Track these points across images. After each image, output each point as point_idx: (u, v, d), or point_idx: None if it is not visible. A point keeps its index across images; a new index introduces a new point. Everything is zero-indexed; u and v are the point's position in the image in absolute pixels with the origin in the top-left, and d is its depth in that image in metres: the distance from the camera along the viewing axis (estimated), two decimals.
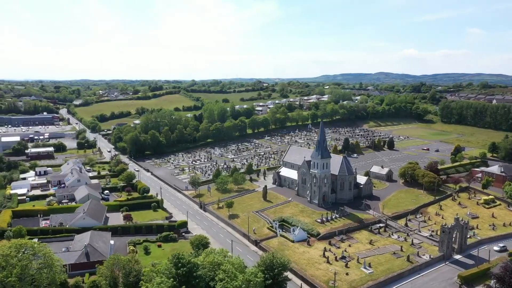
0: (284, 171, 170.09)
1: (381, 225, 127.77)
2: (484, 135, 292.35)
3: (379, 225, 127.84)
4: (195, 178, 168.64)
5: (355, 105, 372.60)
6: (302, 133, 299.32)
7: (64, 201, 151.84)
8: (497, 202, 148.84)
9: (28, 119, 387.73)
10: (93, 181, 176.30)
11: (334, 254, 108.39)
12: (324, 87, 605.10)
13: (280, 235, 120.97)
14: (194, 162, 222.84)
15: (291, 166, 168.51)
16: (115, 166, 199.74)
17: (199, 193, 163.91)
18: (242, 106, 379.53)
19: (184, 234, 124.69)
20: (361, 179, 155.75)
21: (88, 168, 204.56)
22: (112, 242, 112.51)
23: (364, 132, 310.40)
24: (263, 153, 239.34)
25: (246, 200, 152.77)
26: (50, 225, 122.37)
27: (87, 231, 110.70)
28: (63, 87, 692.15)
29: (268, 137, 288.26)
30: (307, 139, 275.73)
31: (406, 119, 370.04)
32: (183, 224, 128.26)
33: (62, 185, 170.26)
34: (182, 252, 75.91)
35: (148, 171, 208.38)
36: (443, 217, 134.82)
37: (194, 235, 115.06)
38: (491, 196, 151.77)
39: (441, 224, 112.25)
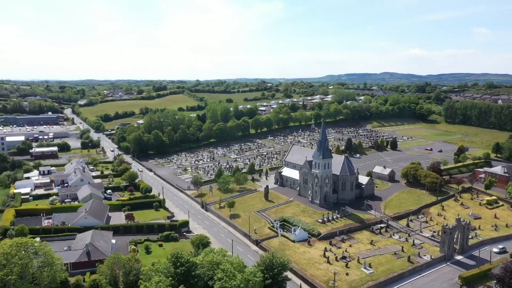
0: (286, 171, 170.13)
1: (383, 226, 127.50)
2: (489, 136, 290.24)
3: (381, 226, 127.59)
4: (197, 178, 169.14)
5: (359, 105, 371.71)
6: (305, 133, 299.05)
7: (67, 201, 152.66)
8: (500, 203, 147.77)
9: (33, 119, 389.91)
10: (96, 181, 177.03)
11: (335, 254, 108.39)
12: (328, 87, 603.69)
13: (281, 235, 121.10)
14: (197, 162, 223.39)
15: (293, 166, 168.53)
16: (118, 166, 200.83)
17: (201, 193, 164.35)
18: (246, 106, 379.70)
19: (186, 234, 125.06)
20: (363, 179, 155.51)
21: (92, 168, 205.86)
22: (114, 241, 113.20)
23: (368, 132, 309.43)
24: (266, 153, 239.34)
25: (248, 200, 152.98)
26: (53, 224, 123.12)
27: (89, 230, 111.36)
28: (68, 87, 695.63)
29: (271, 137, 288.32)
30: (310, 139, 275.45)
31: (410, 119, 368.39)
32: (185, 224, 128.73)
33: (65, 185, 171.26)
34: (181, 252, 76.28)
35: (151, 171, 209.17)
36: (445, 218, 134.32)
37: (195, 235, 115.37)
38: (494, 197, 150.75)
39: (442, 225, 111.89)
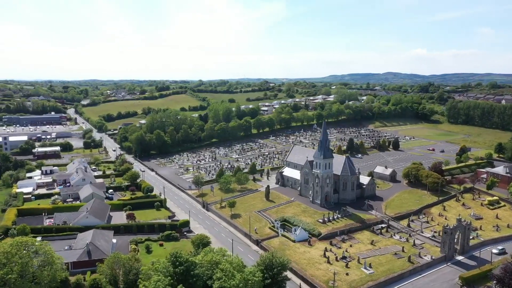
0: (287, 171, 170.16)
1: (383, 226, 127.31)
2: (492, 136, 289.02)
3: (381, 226, 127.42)
4: (199, 178, 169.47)
5: (361, 105, 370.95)
6: (307, 133, 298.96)
7: (69, 200, 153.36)
8: (502, 203, 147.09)
9: (36, 119, 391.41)
10: (98, 180, 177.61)
11: (335, 254, 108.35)
12: (331, 88, 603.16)
13: (282, 235, 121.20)
14: (199, 162, 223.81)
15: (294, 166, 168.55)
16: (120, 166, 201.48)
17: (202, 193, 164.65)
18: (248, 106, 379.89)
19: (186, 233, 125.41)
20: (364, 179, 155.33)
21: (94, 168, 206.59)
22: (115, 241, 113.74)
23: (370, 133, 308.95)
24: (268, 153, 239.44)
25: (249, 200, 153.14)
26: (54, 224, 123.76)
27: (90, 230, 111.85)
28: (71, 87, 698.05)
29: (273, 137, 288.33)
30: (312, 139, 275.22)
31: (413, 120, 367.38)
32: (185, 223, 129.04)
33: (68, 184, 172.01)
34: (180, 251, 76.53)
35: (153, 171, 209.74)
36: (446, 218, 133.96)
37: (196, 234, 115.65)
38: (496, 197, 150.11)
39: (443, 225, 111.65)
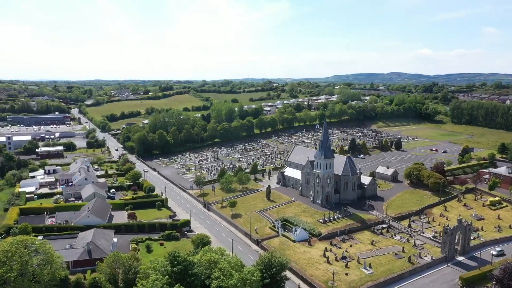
0: (289, 171, 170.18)
1: (384, 226, 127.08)
2: (495, 136, 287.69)
3: (382, 226, 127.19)
4: (200, 178, 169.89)
5: (364, 105, 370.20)
6: (310, 133, 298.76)
7: (71, 199, 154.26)
8: (504, 204, 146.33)
9: (40, 119, 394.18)
10: (101, 180, 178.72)
11: (335, 254, 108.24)
12: (334, 88, 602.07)
13: (282, 235, 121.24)
14: (201, 162, 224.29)
15: (296, 166, 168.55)
16: (122, 165, 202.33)
17: (204, 192, 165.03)
18: (251, 106, 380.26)
19: (187, 233, 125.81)
20: (365, 180, 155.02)
21: (96, 167, 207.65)
22: (115, 240, 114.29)
23: (372, 133, 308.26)
24: (270, 153, 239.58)
25: (250, 200, 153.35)
26: (56, 223, 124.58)
27: (91, 229, 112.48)
28: (76, 87, 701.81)
29: (276, 137, 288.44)
30: (314, 139, 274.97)
31: (416, 120, 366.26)
32: (186, 223, 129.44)
33: (70, 184, 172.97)
34: (178, 250, 76.85)
35: (155, 170, 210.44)
36: (448, 218, 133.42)
37: (196, 234, 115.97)
38: (498, 198, 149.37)
39: (444, 226, 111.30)
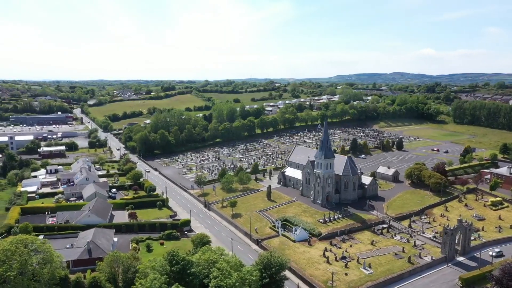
0: (289, 171, 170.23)
1: (384, 226, 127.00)
2: (498, 136, 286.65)
3: (382, 226, 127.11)
4: (201, 177, 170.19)
5: (366, 106, 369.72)
6: (311, 133, 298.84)
7: (72, 199, 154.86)
8: (505, 204, 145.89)
9: (43, 119, 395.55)
10: (102, 180, 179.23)
11: (335, 254, 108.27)
12: (337, 88, 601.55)
13: (282, 235, 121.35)
14: (202, 162, 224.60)
15: (296, 166, 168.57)
16: (124, 165, 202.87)
17: (204, 192, 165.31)
18: (252, 106, 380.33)
19: (187, 233, 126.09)
20: (366, 180, 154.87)
21: (98, 167, 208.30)
22: (116, 240, 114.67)
23: (374, 133, 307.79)
24: (271, 153, 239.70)
25: (250, 200, 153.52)
26: (57, 222, 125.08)
27: (91, 229, 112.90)
28: (78, 87, 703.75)
29: (277, 137, 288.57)
30: (316, 139, 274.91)
31: (418, 120, 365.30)
32: (186, 223, 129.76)
33: (71, 183, 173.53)
34: (177, 250, 77.09)
35: (156, 170, 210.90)
36: (448, 219, 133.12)
37: (196, 234, 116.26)
38: (499, 198, 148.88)
39: (444, 226, 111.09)
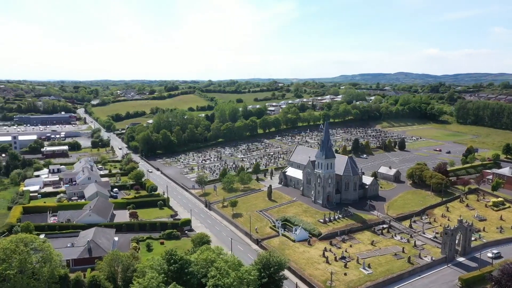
0: (290, 171, 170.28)
1: (385, 226, 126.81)
2: (501, 136, 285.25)
3: (383, 226, 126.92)
4: (202, 177, 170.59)
5: (368, 106, 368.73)
6: (313, 133, 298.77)
7: (74, 198, 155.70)
8: (507, 205, 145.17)
9: (46, 119, 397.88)
10: (104, 179, 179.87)
11: (334, 254, 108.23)
12: (340, 88, 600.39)
13: (282, 235, 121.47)
14: (204, 162, 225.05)
15: (297, 166, 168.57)
16: (126, 165, 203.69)
17: (205, 192, 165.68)
18: (255, 106, 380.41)
19: (187, 232, 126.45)
20: (367, 180, 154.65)
21: (100, 167, 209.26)
22: (116, 239, 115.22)
23: (376, 133, 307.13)
24: (273, 153, 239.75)
25: (251, 200, 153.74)
26: (58, 221, 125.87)
27: (92, 228, 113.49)
28: (82, 87, 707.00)
29: (279, 137, 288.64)
30: (318, 140, 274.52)
31: (421, 120, 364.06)
32: (187, 222, 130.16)
33: (74, 183, 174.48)
34: (176, 249, 77.40)
35: (158, 170, 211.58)
36: (449, 219, 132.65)
37: (196, 233, 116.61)
38: (501, 198, 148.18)
39: (444, 226, 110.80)
